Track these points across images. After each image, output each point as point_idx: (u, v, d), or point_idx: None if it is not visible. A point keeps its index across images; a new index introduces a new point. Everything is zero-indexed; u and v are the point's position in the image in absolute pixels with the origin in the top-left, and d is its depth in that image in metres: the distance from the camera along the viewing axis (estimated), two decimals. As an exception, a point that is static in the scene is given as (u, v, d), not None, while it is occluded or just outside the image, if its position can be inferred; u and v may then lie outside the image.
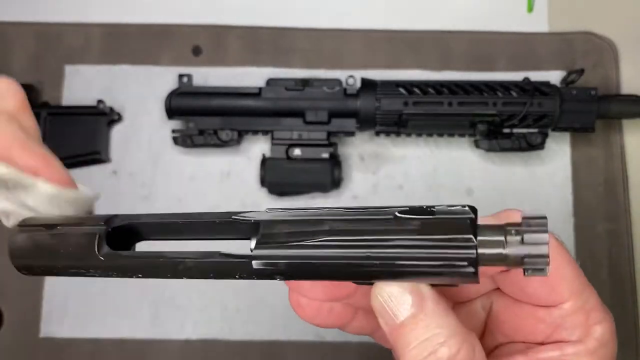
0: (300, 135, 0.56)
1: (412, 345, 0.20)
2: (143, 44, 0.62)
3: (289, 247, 0.20)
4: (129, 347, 0.57)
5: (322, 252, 0.19)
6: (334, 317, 0.25)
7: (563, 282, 0.23)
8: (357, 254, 0.19)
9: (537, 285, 0.22)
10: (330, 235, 0.19)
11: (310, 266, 0.20)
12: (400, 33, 0.62)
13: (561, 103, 0.54)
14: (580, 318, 0.23)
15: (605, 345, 0.22)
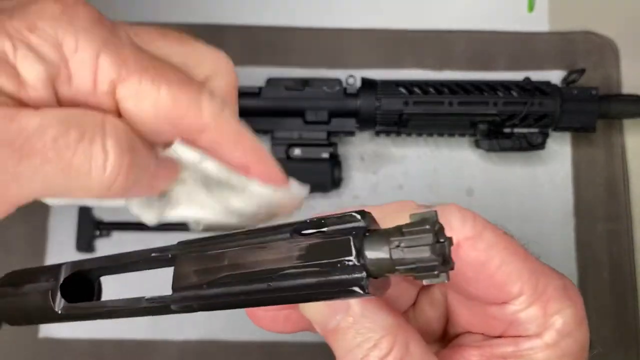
0: (300, 135, 0.56)
1: (343, 352, 0.20)
2: (142, 44, 0.61)
3: (196, 287, 0.22)
4: (128, 347, 0.56)
5: (226, 289, 0.20)
6: (292, 324, 0.24)
7: (510, 278, 0.21)
8: (257, 287, 0.19)
9: (481, 287, 0.21)
10: (231, 271, 0.20)
11: (220, 302, 0.21)
12: (400, 32, 0.62)
13: (562, 103, 0.54)
14: (536, 311, 0.21)
15: (569, 334, 0.21)
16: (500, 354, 0.21)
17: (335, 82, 0.56)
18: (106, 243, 0.58)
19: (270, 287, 0.19)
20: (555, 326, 0.21)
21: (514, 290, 0.20)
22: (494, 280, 0.20)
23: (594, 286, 0.57)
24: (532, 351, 0.20)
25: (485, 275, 0.20)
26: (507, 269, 0.21)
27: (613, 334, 0.57)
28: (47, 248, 0.58)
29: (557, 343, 0.21)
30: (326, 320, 0.20)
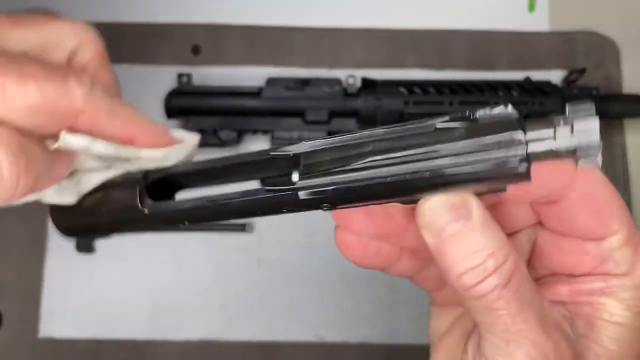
0: (301, 135, 0.56)
1: (459, 257, 0.20)
2: (142, 43, 0.61)
3: (334, 173, 0.19)
4: (128, 347, 0.56)
5: (369, 173, 0.18)
6: (380, 258, 0.24)
7: (612, 213, 0.22)
8: (405, 169, 0.18)
9: (587, 217, 0.22)
10: (375, 155, 0.18)
11: (358, 189, 0.19)
12: (400, 32, 0.62)
13: (562, 103, 0.54)
14: (628, 252, 0.22)
15: None
16: (589, 290, 0.22)
17: (335, 82, 0.56)
18: (106, 243, 0.58)
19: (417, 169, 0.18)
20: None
21: (613, 227, 0.21)
22: (599, 214, 0.21)
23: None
24: (619, 289, 0.21)
25: (593, 208, 0.21)
26: (612, 206, 0.22)
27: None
28: (47, 248, 0.58)
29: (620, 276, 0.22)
30: (445, 226, 0.20)
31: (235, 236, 0.58)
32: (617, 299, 0.22)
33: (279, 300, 0.57)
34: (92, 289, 0.57)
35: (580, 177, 0.21)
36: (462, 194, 0.19)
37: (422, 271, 0.26)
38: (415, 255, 0.25)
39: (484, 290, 0.20)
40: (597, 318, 0.22)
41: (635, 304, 0.21)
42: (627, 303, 0.21)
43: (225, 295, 0.57)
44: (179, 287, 0.57)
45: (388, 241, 0.24)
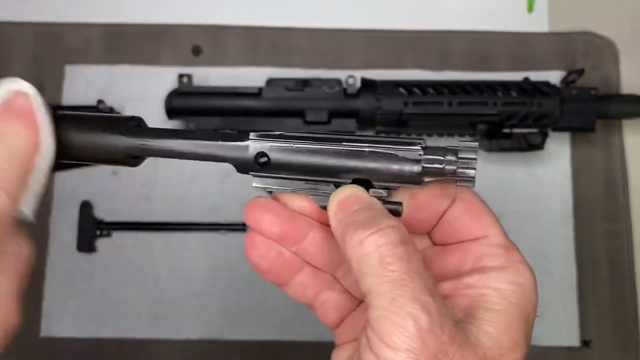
0: (300, 135, 0.56)
1: (355, 222, 0.23)
2: (143, 44, 0.62)
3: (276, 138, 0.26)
4: (129, 346, 0.57)
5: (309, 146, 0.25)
6: (280, 262, 0.27)
7: (488, 218, 0.26)
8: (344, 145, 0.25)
9: (468, 220, 0.26)
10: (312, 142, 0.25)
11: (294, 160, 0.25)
12: (400, 33, 0.62)
13: (561, 103, 0.54)
14: (502, 250, 0.25)
15: (525, 279, 0.25)
16: (469, 284, 0.25)
17: (335, 83, 0.56)
18: (107, 243, 0.58)
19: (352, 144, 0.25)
20: (516, 267, 0.25)
21: (489, 229, 0.26)
22: (477, 218, 0.26)
23: (593, 285, 0.57)
24: (497, 281, 0.24)
25: (472, 212, 0.26)
26: (486, 212, 0.26)
27: (612, 332, 0.57)
28: (48, 248, 0.58)
29: (516, 281, 0.24)
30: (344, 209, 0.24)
31: (236, 236, 0.58)
32: (495, 289, 0.24)
33: (279, 299, 0.57)
34: (93, 289, 0.57)
35: (460, 192, 0.26)
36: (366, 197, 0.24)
37: (319, 296, 0.28)
38: (315, 275, 0.28)
39: (378, 241, 0.22)
40: (476, 307, 0.24)
41: (510, 294, 0.24)
42: (503, 292, 0.24)
43: (226, 294, 0.57)
44: (179, 287, 0.57)
45: (290, 246, 0.27)
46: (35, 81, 0.65)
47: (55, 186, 0.59)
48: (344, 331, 0.28)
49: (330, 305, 0.28)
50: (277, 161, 0.26)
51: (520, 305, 0.24)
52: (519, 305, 0.24)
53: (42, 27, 0.62)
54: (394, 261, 0.22)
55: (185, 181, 0.59)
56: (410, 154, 0.24)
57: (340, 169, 0.25)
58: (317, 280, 0.28)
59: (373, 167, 0.25)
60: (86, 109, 0.58)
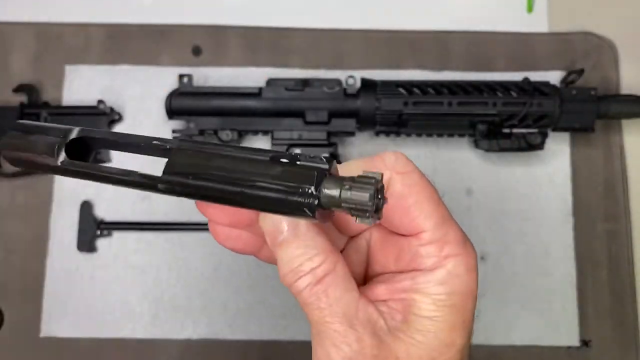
0: (300, 136, 0.56)
1: (286, 259, 0.24)
2: (143, 44, 0.62)
3: (184, 175, 0.26)
4: (129, 346, 0.57)
5: (208, 184, 0.25)
6: (243, 243, 0.28)
7: (420, 214, 0.25)
8: (233, 189, 0.24)
9: (398, 217, 0.25)
10: (215, 171, 0.24)
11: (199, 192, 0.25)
12: (400, 33, 0.62)
13: (561, 103, 0.54)
14: (435, 249, 0.25)
15: (458, 277, 0.24)
16: (402, 287, 0.25)
17: (335, 83, 0.56)
18: (107, 243, 0.58)
19: (243, 192, 0.23)
20: (447, 267, 0.24)
21: (421, 225, 0.25)
22: (408, 213, 0.25)
23: (592, 285, 0.58)
24: (425, 285, 0.24)
25: (403, 206, 0.25)
26: (420, 207, 0.25)
27: (611, 332, 0.57)
28: (48, 248, 0.58)
29: (446, 282, 0.24)
30: (277, 233, 0.24)
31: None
32: (425, 295, 0.24)
33: (279, 299, 0.57)
34: (93, 289, 0.58)
35: (395, 181, 0.25)
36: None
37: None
38: None
39: (299, 287, 0.24)
40: (409, 313, 0.24)
41: (441, 299, 0.24)
42: (434, 298, 0.24)
43: (226, 294, 0.57)
44: (179, 287, 0.58)
45: (243, 230, 0.27)
46: (35, 81, 0.65)
47: (55, 186, 0.59)
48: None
49: None
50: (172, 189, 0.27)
51: (455, 304, 0.24)
52: (453, 306, 0.24)
53: (43, 27, 0.62)
54: (322, 295, 0.24)
55: (186, 181, 0.59)
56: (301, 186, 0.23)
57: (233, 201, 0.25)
58: None
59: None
60: (87, 109, 0.59)
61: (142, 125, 0.60)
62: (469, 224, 0.58)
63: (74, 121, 0.58)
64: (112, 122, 0.60)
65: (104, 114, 0.58)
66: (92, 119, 0.58)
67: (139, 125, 0.60)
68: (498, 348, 0.56)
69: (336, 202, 0.22)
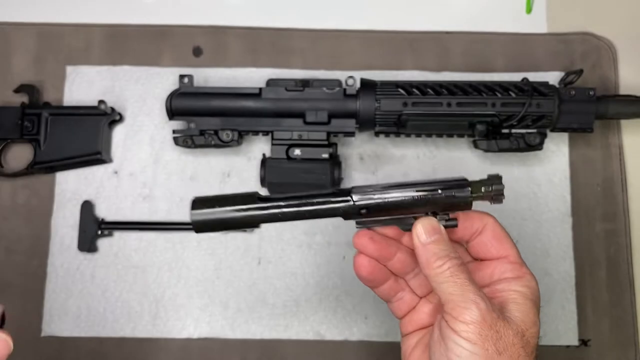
0: (300, 136, 0.56)
1: (437, 251, 0.36)
2: (144, 45, 0.62)
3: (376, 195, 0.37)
4: (130, 345, 0.57)
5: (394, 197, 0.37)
6: (376, 272, 0.40)
7: (507, 242, 0.39)
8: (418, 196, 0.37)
9: (495, 243, 0.39)
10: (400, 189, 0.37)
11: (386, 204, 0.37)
12: (399, 34, 0.62)
13: (560, 103, 0.54)
14: (517, 266, 0.38)
15: (530, 282, 0.37)
16: (500, 289, 0.37)
17: (335, 83, 0.56)
18: (108, 242, 0.59)
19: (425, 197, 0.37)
20: (525, 277, 0.38)
21: (508, 251, 0.39)
22: (500, 242, 0.39)
23: (591, 284, 0.58)
24: (515, 286, 0.37)
25: (497, 238, 0.39)
26: (506, 238, 0.39)
27: (610, 331, 0.57)
28: (49, 248, 0.58)
29: (526, 285, 0.37)
30: (433, 232, 0.37)
31: (237, 235, 0.59)
32: (515, 291, 0.37)
33: (280, 298, 0.58)
34: (94, 288, 0.58)
35: (488, 223, 0.39)
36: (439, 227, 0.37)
37: (397, 297, 0.41)
38: (396, 282, 0.41)
39: (445, 268, 0.35)
40: (507, 302, 0.36)
41: (525, 294, 0.36)
42: (521, 293, 0.37)
43: (226, 293, 0.58)
44: (180, 286, 0.58)
45: (383, 262, 0.40)
46: (36, 81, 0.66)
47: (56, 186, 0.59)
48: (409, 322, 0.41)
49: (404, 301, 0.41)
50: (373, 210, 0.37)
51: (532, 298, 0.37)
52: (531, 299, 0.37)
53: (44, 28, 0.62)
54: (459, 273, 0.35)
55: (186, 181, 0.60)
56: (463, 194, 0.37)
57: (420, 208, 0.37)
58: (398, 284, 0.41)
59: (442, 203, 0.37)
60: (88, 109, 0.59)
61: (143, 125, 0.60)
62: (468, 224, 0.59)
63: (75, 121, 0.59)
64: (113, 123, 0.60)
65: (104, 114, 0.59)
66: (93, 119, 0.59)
67: (140, 126, 0.61)
68: (497, 347, 0.57)
69: (486, 194, 0.37)
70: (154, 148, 0.60)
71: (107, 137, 0.60)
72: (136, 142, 0.60)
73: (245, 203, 0.37)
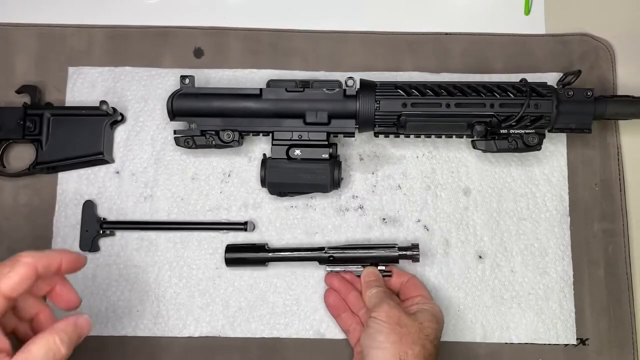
0: (301, 136, 0.56)
1: (370, 285, 0.54)
2: (145, 46, 0.62)
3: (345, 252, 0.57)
4: (131, 344, 0.57)
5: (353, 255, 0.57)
6: (338, 303, 0.57)
7: (420, 287, 0.56)
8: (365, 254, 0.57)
9: (412, 289, 0.56)
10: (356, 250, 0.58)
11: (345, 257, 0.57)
12: (398, 35, 0.63)
13: (558, 104, 0.55)
14: (426, 300, 0.54)
15: (435, 308, 0.53)
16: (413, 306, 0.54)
17: (335, 84, 0.56)
18: (109, 242, 0.59)
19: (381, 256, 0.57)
20: (430, 305, 0.53)
21: (420, 292, 0.55)
22: (414, 287, 0.56)
23: (589, 284, 0.58)
24: (423, 305, 0.53)
25: (413, 286, 0.56)
26: (419, 284, 0.57)
27: (608, 330, 0.57)
28: (51, 247, 0.58)
29: (429, 309, 0.53)
30: (368, 277, 0.56)
31: (237, 235, 0.59)
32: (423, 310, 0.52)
33: (280, 297, 0.58)
34: (96, 287, 0.58)
35: (410, 278, 0.57)
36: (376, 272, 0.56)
37: (352, 327, 0.56)
38: (352, 315, 0.56)
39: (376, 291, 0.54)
40: (416, 311, 0.52)
41: (429, 310, 0.52)
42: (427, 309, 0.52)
43: (227, 293, 0.58)
44: (181, 285, 0.58)
45: (343, 296, 0.57)
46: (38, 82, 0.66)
47: (58, 186, 0.60)
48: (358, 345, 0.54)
49: (356, 330, 0.55)
50: (338, 259, 0.57)
51: (434, 313, 0.52)
52: (432, 313, 0.52)
53: (46, 29, 0.63)
54: (382, 294, 0.53)
55: (187, 181, 0.60)
56: (392, 252, 0.56)
57: (366, 261, 0.57)
58: (353, 317, 0.56)
59: (379, 259, 0.57)
60: (89, 110, 0.59)
61: (144, 126, 0.61)
62: (466, 224, 0.59)
63: (77, 122, 0.59)
64: (115, 123, 0.60)
65: (106, 115, 0.59)
66: (95, 119, 0.59)
67: (142, 126, 0.61)
68: (495, 346, 0.57)
69: (408, 255, 0.56)
70: (155, 148, 0.60)
71: (109, 137, 0.60)
72: (138, 142, 0.61)
73: (257, 251, 0.57)
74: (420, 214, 0.59)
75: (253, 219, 0.59)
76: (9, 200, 0.60)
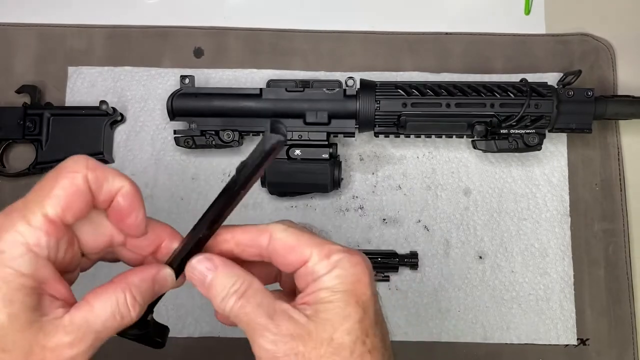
0: (301, 136, 0.56)
1: (218, 293, 0.32)
2: (145, 46, 0.62)
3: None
4: (130, 344, 0.57)
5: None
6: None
7: (302, 246, 0.32)
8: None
9: (287, 254, 0.33)
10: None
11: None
12: (399, 35, 0.63)
13: (558, 104, 0.55)
14: (323, 258, 0.32)
15: (345, 270, 0.32)
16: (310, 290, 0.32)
17: (335, 84, 0.56)
18: (110, 242, 0.59)
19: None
20: (337, 267, 0.32)
21: (307, 253, 0.32)
22: (292, 252, 0.32)
23: (589, 284, 0.58)
24: (324, 282, 0.32)
25: (286, 249, 0.33)
26: (299, 242, 0.33)
27: (609, 330, 0.57)
28: (51, 247, 0.59)
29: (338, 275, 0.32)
30: (203, 279, 0.33)
31: (237, 235, 0.59)
32: (324, 288, 0.32)
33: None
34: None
35: (273, 232, 0.33)
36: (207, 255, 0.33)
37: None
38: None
39: (230, 305, 0.32)
40: (317, 303, 0.32)
41: (335, 287, 0.32)
42: (330, 288, 0.31)
43: (227, 293, 0.58)
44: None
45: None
46: (38, 82, 0.65)
47: (58, 186, 0.60)
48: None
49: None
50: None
51: (347, 289, 0.32)
52: (345, 291, 0.32)
53: (45, 29, 0.63)
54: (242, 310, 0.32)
55: (187, 181, 0.60)
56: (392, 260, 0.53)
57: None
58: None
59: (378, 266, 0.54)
60: (89, 110, 0.59)
61: (144, 126, 0.61)
62: (467, 224, 0.59)
63: (77, 122, 0.59)
64: (115, 123, 0.60)
65: (106, 115, 0.59)
66: (95, 119, 0.59)
67: (142, 126, 0.61)
68: (496, 346, 0.57)
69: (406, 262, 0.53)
70: (155, 148, 0.60)
71: (109, 137, 0.60)
72: (137, 142, 0.61)
73: None
74: (421, 214, 0.59)
75: (253, 219, 0.59)
76: (9, 200, 0.59)
